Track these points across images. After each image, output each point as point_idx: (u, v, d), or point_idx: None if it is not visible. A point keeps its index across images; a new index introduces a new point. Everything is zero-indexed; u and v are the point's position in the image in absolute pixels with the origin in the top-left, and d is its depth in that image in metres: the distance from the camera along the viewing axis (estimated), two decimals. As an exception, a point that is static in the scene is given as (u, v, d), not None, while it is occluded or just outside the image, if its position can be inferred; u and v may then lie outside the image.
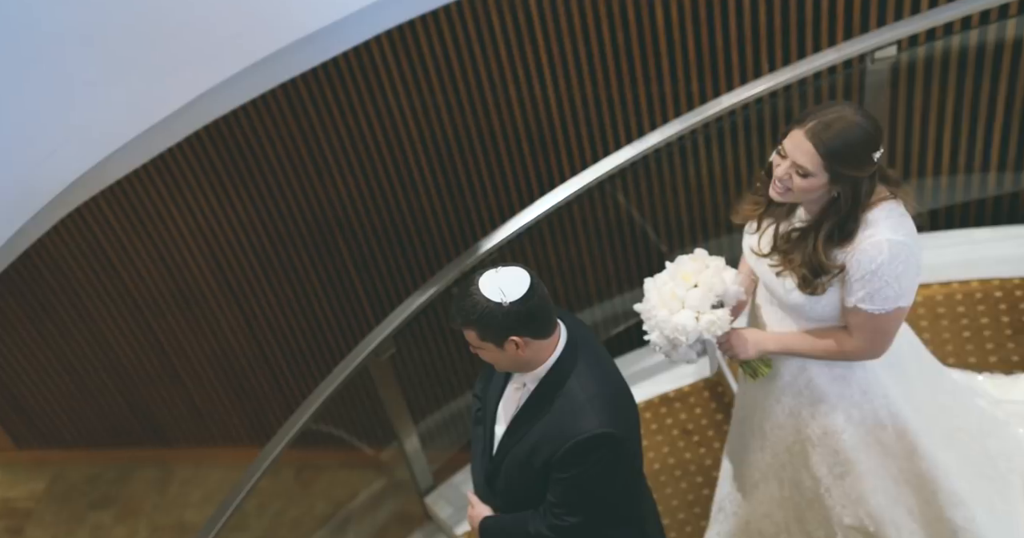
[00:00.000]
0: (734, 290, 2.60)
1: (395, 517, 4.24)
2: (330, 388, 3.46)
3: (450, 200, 4.37)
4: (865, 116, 2.31)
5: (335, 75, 4.00)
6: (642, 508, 2.57)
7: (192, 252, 4.68)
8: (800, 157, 2.33)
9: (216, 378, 5.23)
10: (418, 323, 3.64)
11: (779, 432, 2.74)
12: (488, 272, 2.28)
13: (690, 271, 2.62)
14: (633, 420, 2.42)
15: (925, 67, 3.66)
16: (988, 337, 3.69)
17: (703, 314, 2.58)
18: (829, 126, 2.29)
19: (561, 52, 3.86)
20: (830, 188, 2.34)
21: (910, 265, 2.37)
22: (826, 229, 2.38)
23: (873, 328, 2.44)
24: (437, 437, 4.05)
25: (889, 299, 2.37)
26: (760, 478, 2.85)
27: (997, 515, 2.84)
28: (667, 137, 3.49)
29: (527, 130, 4.09)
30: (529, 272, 2.27)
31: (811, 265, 2.40)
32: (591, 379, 2.34)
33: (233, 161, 4.31)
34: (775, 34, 3.70)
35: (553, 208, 3.51)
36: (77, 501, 5.83)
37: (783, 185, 2.38)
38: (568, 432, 2.30)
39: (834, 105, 2.33)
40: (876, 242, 2.34)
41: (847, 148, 2.28)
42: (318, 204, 4.43)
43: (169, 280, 4.78)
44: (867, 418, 2.63)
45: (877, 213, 2.36)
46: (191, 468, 5.67)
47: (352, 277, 4.69)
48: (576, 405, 2.31)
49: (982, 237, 3.86)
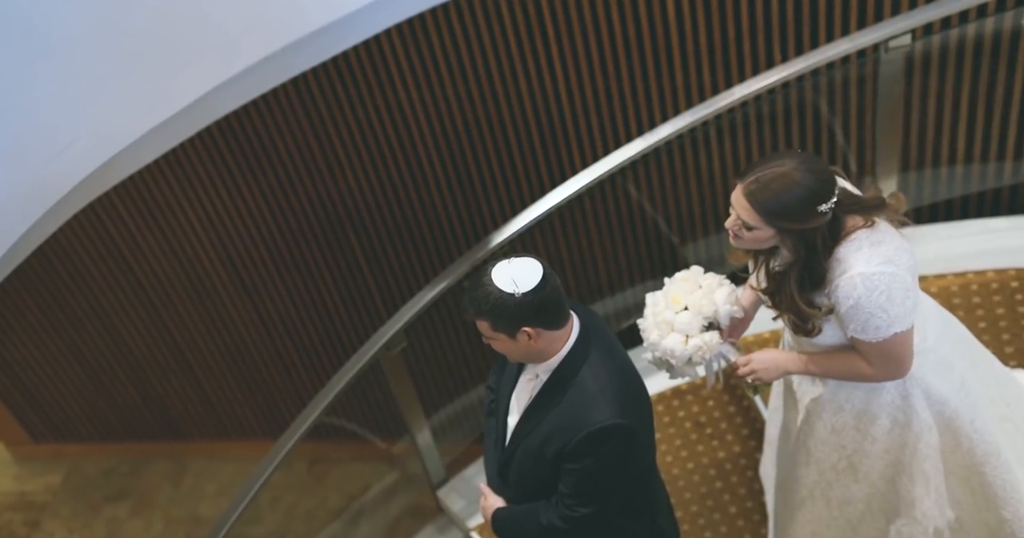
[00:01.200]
0: (726, 310, 2.59)
1: (408, 510, 4.25)
2: (342, 382, 3.47)
3: (461, 193, 4.36)
4: (808, 171, 2.28)
5: (345, 69, 3.99)
6: (655, 500, 2.57)
7: (204, 246, 4.68)
8: (742, 212, 2.35)
9: (228, 371, 5.24)
10: (429, 317, 3.64)
11: (824, 448, 2.73)
12: (500, 262, 2.28)
13: (679, 292, 2.62)
14: (646, 412, 2.42)
15: (940, 56, 3.62)
16: (1004, 328, 3.66)
17: (692, 338, 2.57)
18: (767, 186, 2.29)
19: (572, 44, 3.84)
20: (782, 239, 2.35)
21: (893, 292, 2.34)
22: (795, 280, 2.38)
23: (880, 354, 2.44)
24: (449, 430, 4.05)
25: (881, 329, 2.37)
26: (807, 496, 2.84)
27: None
28: (678, 129, 3.47)
29: (537, 123, 4.08)
30: (541, 262, 2.27)
31: (795, 312, 2.42)
32: (603, 370, 2.34)
33: (244, 155, 4.32)
34: (787, 24, 3.67)
35: (564, 201, 3.50)
36: (92, 494, 5.86)
37: (735, 233, 2.40)
38: (581, 423, 2.30)
39: (777, 158, 2.31)
40: (848, 278, 2.33)
41: (784, 208, 2.28)
42: (329, 198, 4.43)
43: (181, 274, 4.79)
44: (911, 421, 2.62)
45: (847, 248, 2.35)
46: (204, 461, 5.70)
47: (363, 270, 4.69)
48: (588, 396, 2.31)
49: (999, 226, 3.82)
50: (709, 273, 2.65)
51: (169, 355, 5.22)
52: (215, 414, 5.50)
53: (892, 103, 3.60)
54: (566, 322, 2.33)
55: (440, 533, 3.97)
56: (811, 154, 2.66)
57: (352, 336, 4.93)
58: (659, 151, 3.59)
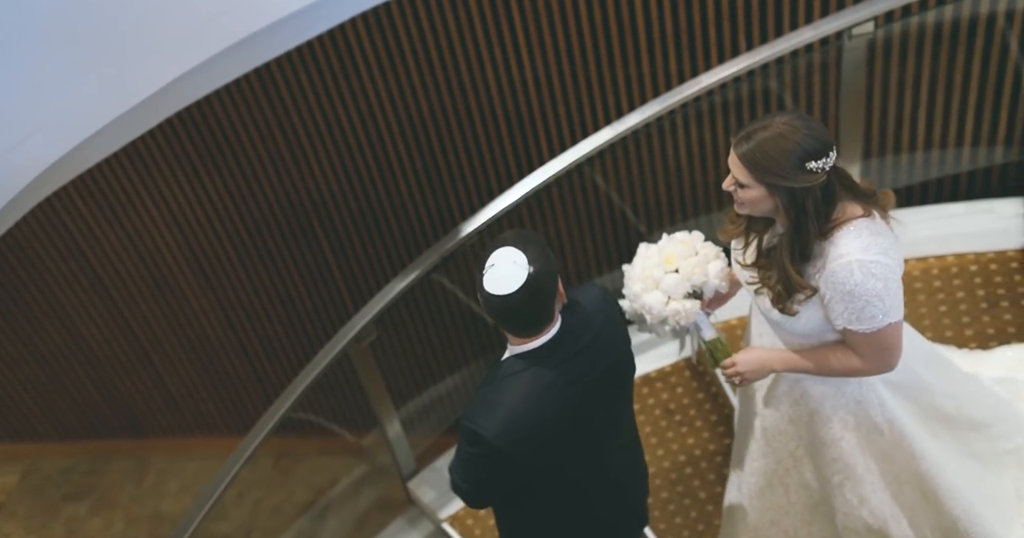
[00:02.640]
0: (714, 284, 2.60)
1: (377, 503, 4.23)
2: (312, 375, 3.44)
3: (428, 183, 4.34)
4: (797, 127, 2.27)
5: (310, 58, 3.95)
6: (552, 515, 2.56)
7: (165, 239, 4.62)
8: (734, 170, 2.36)
9: (192, 367, 5.18)
10: (397, 308, 3.62)
11: (781, 438, 2.75)
12: (499, 258, 2.27)
13: (675, 254, 2.62)
14: (545, 451, 2.37)
15: (900, 44, 3.67)
16: (964, 311, 3.73)
17: (673, 301, 2.58)
18: (751, 137, 2.30)
19: (538, 32, 3.83)
20: (775, 200, 2.34)
21: (889, 281, 2.35)
22: (786, 245, 2.38)
23: (872, 345, 2.43)
24: (419, 422, 4.04)
25: (876, 317, 2.37)
26: (765, 485, 2.86)
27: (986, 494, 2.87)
28: (646, 117, 3.47)
29: (505, 111, 4.07)
30: (530, 274, 2.24)
31: (785, 282, 2.40)
32: (524, 391, 2.33)
33: (206, 147, 4.26)
34: (752, 12, 3.70)
35: (533, 190, 3.50)
36: (51, 494, 5.76)
37: (735, 197, 2.41)
38: (467, 412, 2.37)
39: (770, 116, 2.32)
40: (845, 263, 2.33)
41: (766, 158, 2.28)
42: (293, 189, 4.38)
43: (142, 268, 4.72)
44: (862, 424, 2.64)
45: (847, 233, 2.35)
46: (167, 458, 5.63)
47: (329, 262, 4.65)
48: (491, 398, 2.35)
49: (957, 212, 3.88)
50: (708, 242, 2.65)
51: (130, 351, 5.14)
52: (178, 410, 5.43)
53: (855, 90, 3.64)
54: (530, 335, 2.33)
55: (411, 525, 3.96)
56: (806, 114, 2.67)
57: (318, 328, 4.89)
58: (626, 140, 3.59)
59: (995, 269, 3.76)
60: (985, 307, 3.72)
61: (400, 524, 3.97)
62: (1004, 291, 3.73)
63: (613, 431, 2.51)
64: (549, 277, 2.27)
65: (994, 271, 3.76)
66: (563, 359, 2.34)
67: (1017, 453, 2.97)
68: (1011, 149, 3.92)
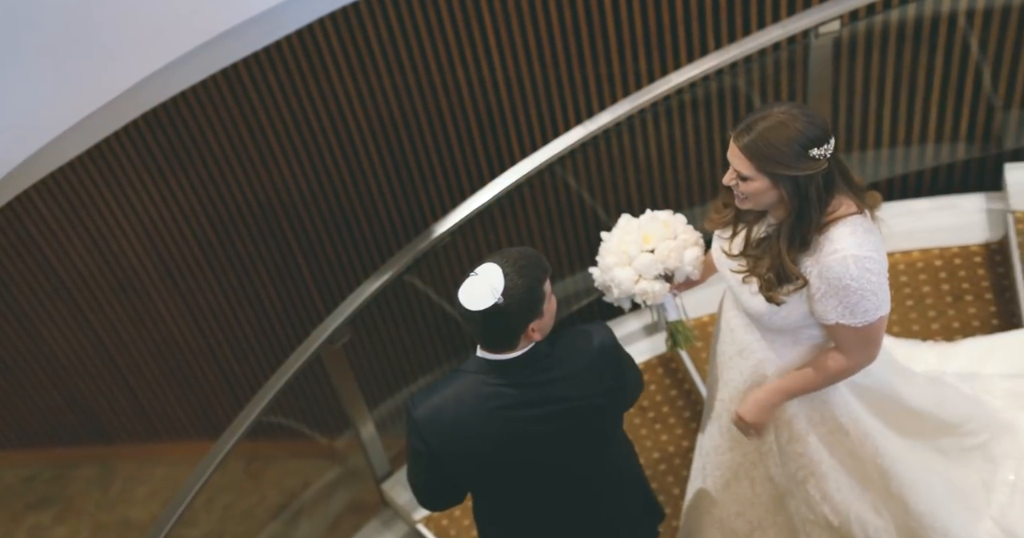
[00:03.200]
0: (686, 271, 2.61)
1: (350, 505, 4.21)
2: (284, 378, 3.42)
3: (399, 184, 4.33)
4: (797, 115, 2.29)
5: (278, 58, 3.92)
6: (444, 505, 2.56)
7: (131, 242, 4.55)
8: (735, 162, 2.36)
9: (159, 371, 5.11)
10: (369, 309, 3.60)
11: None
12: (484, 273, 2.25)
13: (654, 234, 2.62)
14: (468, 457, 2.37)
15: (866, 42, 3.72)
16: (930, 305, 3.79)
17: (643, 280, 2.59)
18: (751, 127, 2.30)
19: (508, 32, 3.83)
20: (778, 190, 2.35)
21: (881, 276, 2.38)
22: (786, 232, 2.38)
23: (861, 340, 2.46)
24: (392, 423, 4.03)
25: (869, 311, 2.39)
26: (732, 477, 2.87)
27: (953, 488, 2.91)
28: (617, 116, 3.50)
29: (476, 111, 4.06)
30: (496, 305, 2.21)
31: (777, 270, 2.41)
32: (457, 388, 2.34)
33: (172, 147, 4.20)
34: (720, 11, 3.73)
35: (505, 191, 3.50)
36: (13, 503, 5.66)
37: (736, 191, 2.40)
38: (414, 398, 2.41)
39: (769, 107, 2.33)
40: (841, 258, 2.34)
41: (768, 146, 2.28)
42: (262, 190, 4.35)
43: (107, 271, 4.65)
44: (827, 422, 2.67)
45: (842, 229, 2.37)
46: (135, 464, 5.55)
47: (299, 263, 4.62)
48: (436, 382, 2.39)
49: (922, 208, 3.94)
50: (689, 227, 2.66)
51: (95, 356, 5.07)
52: (145, 416, 5.37)
53: (821, 88, 3.69)
54: (487, 349, 2.32)
55: (385, 526, 3.95)
56: (802, 103, 2.67)
57: (289, 330, 4.85)
58: (596, 139, 3.61)
59: (959, 264, 3.82)
60: (950, 301, 3.78)
61: (374, 526, 3.95)
62: (968, 286, 3.79)
63: (564, 475, 2.46)
64: (519, 316, 2.24)
65: (958, 266, 3.82)
66: (516, 382, 2.32)
67: (983, 448, 3.01)
68: (973, 145, 3.98)
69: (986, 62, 3.75)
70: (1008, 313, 3.71)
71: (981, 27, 3.67)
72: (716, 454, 2.85)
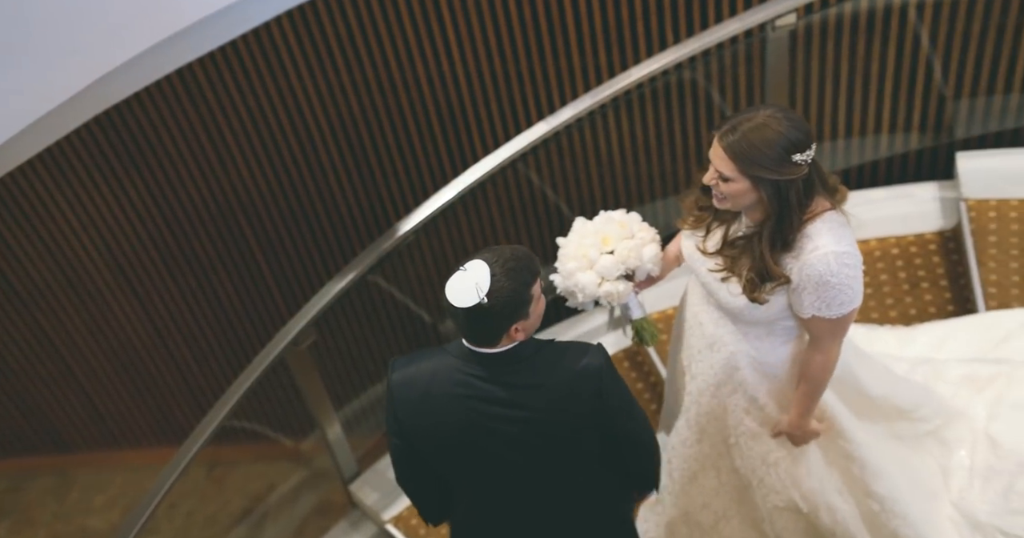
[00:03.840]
0: (647, 269, 2.63)
1: (317, 508, 4.17)
2: (249, 380, 3.37)
3: (360, 182, 4.29)
4: (782, 119, 2.31)
5: (234, 57, 3.86)
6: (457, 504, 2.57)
7: (84, 245, 4.46)
8: (717, 162, 2.37)
9: (117, 377, 5.02)
10: (332, 310, 3.57)
11: (716, 424, 2.80)
12: (472, 269, 2.23)
13: (612, 236, 2.64)
14: (426, 431, 2.38)
15: (821, 34, 3.77)
16: (888, 293, 3.85)
17: (606, 282, 2.60)
18: (741, 133, 2.31)
19: (468, 27, 3.82)
20: (758, 193, 2.37)
21: (857, 269, 2.43)
22: (767, 236, 2.41)
23: (834, 330, 2.51)
24: (359, 423, 4.00)
25: (844, 304, 2.44)
26: (699, 469, 2.90)
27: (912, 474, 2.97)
28: (579, 111, 3.50)
29: (437, 108, 4.05)
30: (479, 304, 2.21)
31: (760, 270, 2.43)
32: (432, 363, 2.36)
33: (126, 149, 4.12)
34: (678, 5, 3.75)
35: (469, 188, 3.49)
36: (-35, 516, 5.53)
37: (715, 191, 2.42)
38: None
39: (753, 109, 2.35)
40: (822, 255, 2.38)
41: (754, 150, 2.30)
42: (220, 191, 4.28)
43: (60, 276, 4.55)
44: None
45: (819, 226, 2.40)
46: (92, 473, 5.44)
47: (259, 264, 4.56)
48: (422, 354, 2.41)
49: (878, 197, 4.01)
50: (644, 224, 2.67)
51: (49, 363, 4.96)
52: (103, 423, 5.27)
53: (779, 80, 3.73)
54: (469, 342, 2.33)
55: (354, 528, 3.92)
56: (787, 106, 2.69)
57: (250, 332, 4.79)
58: (558, 134, 3.61)
59: (915, 252, 3.89)
60: (907, 289, 3.84)
61: (342, 527, 3.92)
62: (924, 273, 3.86)
63: (527, 482, 2.45)
64: (502, 316, 2.23)
65: (914, 253, 3.89)
66: (488, 377, 2.31)
67: (936, 433, 3.08)
68: (925, 135, 4.06)
69: (936, 53, 3.81)
70: (962, 299, 3.79)
71: (931, 19, 3.74)
72: (684, 447, 2.87)
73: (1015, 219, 3.79)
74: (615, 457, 2.48)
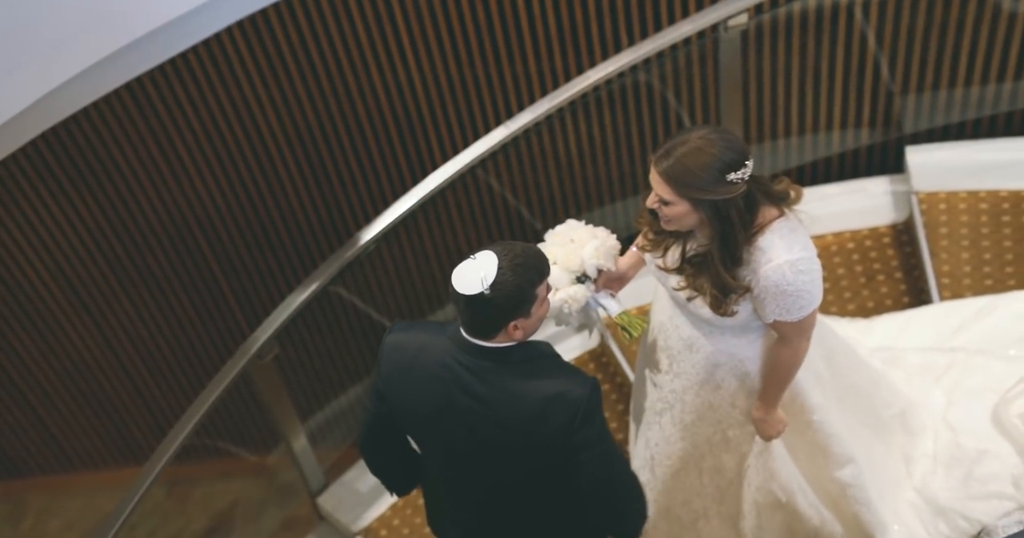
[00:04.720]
0: (591, 264, 2.65)
1: (283, 522, 4.13)
2: (212, 396, 3.32)
3: (318, 192, 4.25)
4: (715, 140, 2.33)
5: (184, 70, 3.79)
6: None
7: (33, 265, 4.35)
8: (656, 187, 2.41)
9: (70, 399, 4.90)
10: (295, 322, 3.53)
11: (700, 423, 2.82)
12: (481, 258, 2.25)
13: (551, 246, 2.68)
14: (407, 405, 2.42)
15: (771, 34, 3.82)
16: (845, 287, 3.91)
17: (560, 289, 2.63)
18: (674, 156, 2.35)
19: (422, 33, 3.81)
20: (699, 214, 2.41)
21: (813, 274, 2.46)
22: (716, 255, 2.45)
23: (799, 331, 2.55)
24: (324, 436, 3.96)
25: (804, 308, 2.48)
26: (681, 467, 2.92)
27: (875, 462, 3.02)
28: (537, 116, 3.51)
29: (394, 115, 4.02)
30: (482, 293, 2.22)
31: (719, 286, 2.47)
32: (424, 335, 2.41)
33: (74, 165, 4.03)
34: (631, 7, 3.77)
35: (429, 195, 3.48)
36: (-87, 547, 5.36)
37: (660, 214, 2.45)
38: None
39: (687, 131, 2.38)
40: (775, 267, 2.41)
41: (688, 173, 2.33)
42: (175, 205, 4.21)
43: (8, 297, 4.44)
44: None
45: (769, 237, 2.43)
46: (47, 497, 5.30)
47: (217, 278, 4.49)
48: (423, 326, 2.49)
49: (832, 192, 4.07)
50: (580, 224, 2.69)
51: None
52: (57, 446, 5.14)
53: (732, 80, 3.77)
54: (466, 331, 2.35)
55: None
56: (723, 127, 2.71)
57: (209, 347, 4.71)
58: (517, 138, 3.61)
59: (870, 245, 3.96)
60: (863, 282, 3.91)
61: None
62: (879, 266, 3.94)
63: (482, 475, 2.46)
64: (502, 310, 2.24)
65: (869, 247, 3.96)
66: (472, 368, 2.32)
67: (901, 417, 3.14)
68: (875, 130, 4.13)
69: (883, 51, 3.89)
70: (917, 290, 3.87)
71: (877, 17, 3.81)
72: (667, 444, 2.89)
73: (964, 210, 3.87)
74: (577, 510, 2.46)
